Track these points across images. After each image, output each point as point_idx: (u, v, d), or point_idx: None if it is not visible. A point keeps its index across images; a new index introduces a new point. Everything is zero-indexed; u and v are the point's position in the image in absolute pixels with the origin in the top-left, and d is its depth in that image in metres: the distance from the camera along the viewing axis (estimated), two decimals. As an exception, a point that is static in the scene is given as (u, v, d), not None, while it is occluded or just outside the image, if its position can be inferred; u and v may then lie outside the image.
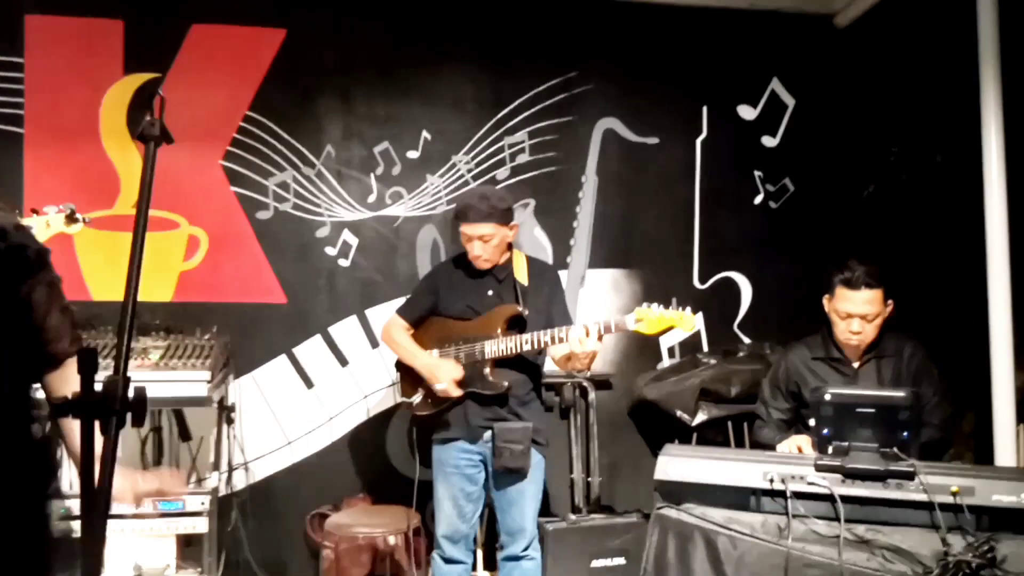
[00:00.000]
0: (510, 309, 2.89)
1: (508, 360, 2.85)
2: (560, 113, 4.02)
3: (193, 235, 3.71)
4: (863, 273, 2.76)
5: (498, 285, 2.97)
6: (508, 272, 2.97)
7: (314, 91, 3.84)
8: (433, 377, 2.88)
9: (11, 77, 3.60)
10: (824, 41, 4.22)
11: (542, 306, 2.93)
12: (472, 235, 2.84)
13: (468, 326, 2.94)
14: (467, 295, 2.98)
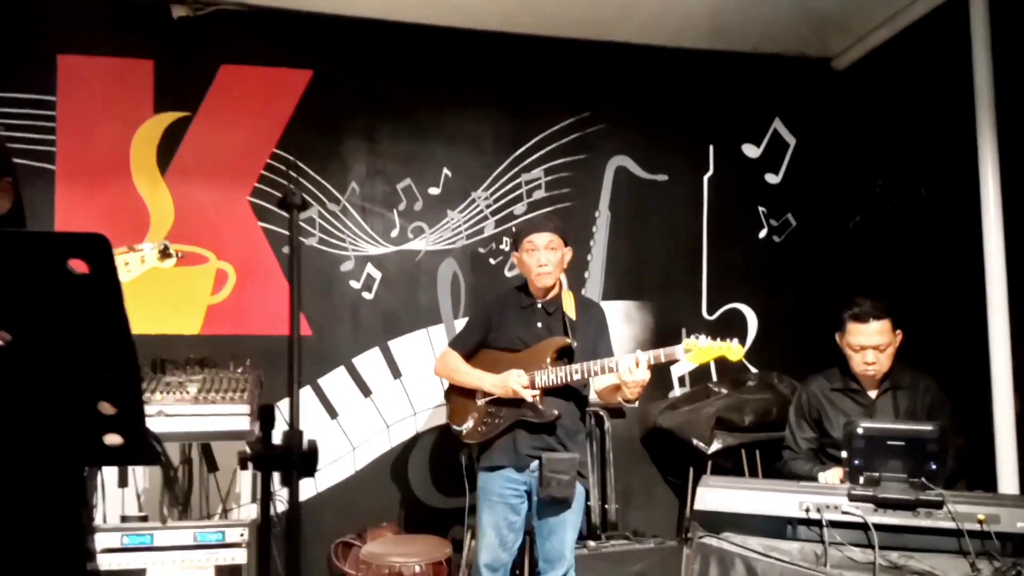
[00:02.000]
0: (559, 341, 3.01)
1: (556, 390, 2.98)
2: (574, 151, 4.19)
3: (221, 269, 3.79)
4: (870, 306, 2.97)
5: (547, 318, 3.09)
6: (557, 306, 3.10)
7: (339, 130, 3.95)
8: (506, 388, 2.96)
9: (44, 115, 3.66)
10: (823, 83, 4.44)
11: (589, 340, 3.06)
12: (539, 244, 2.99)
13: (518, 357, 3.06)
14: (517, 327, 3.10)
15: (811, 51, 4.39)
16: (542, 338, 3.05)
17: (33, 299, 1.01)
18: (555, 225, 3.09)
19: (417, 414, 4.02)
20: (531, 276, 3.06)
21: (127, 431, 1.10)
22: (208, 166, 3.78)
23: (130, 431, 1.10)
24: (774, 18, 3.98)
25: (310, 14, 3.84)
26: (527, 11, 3.88)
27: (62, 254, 0.99)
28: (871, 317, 2.96)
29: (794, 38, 4.23)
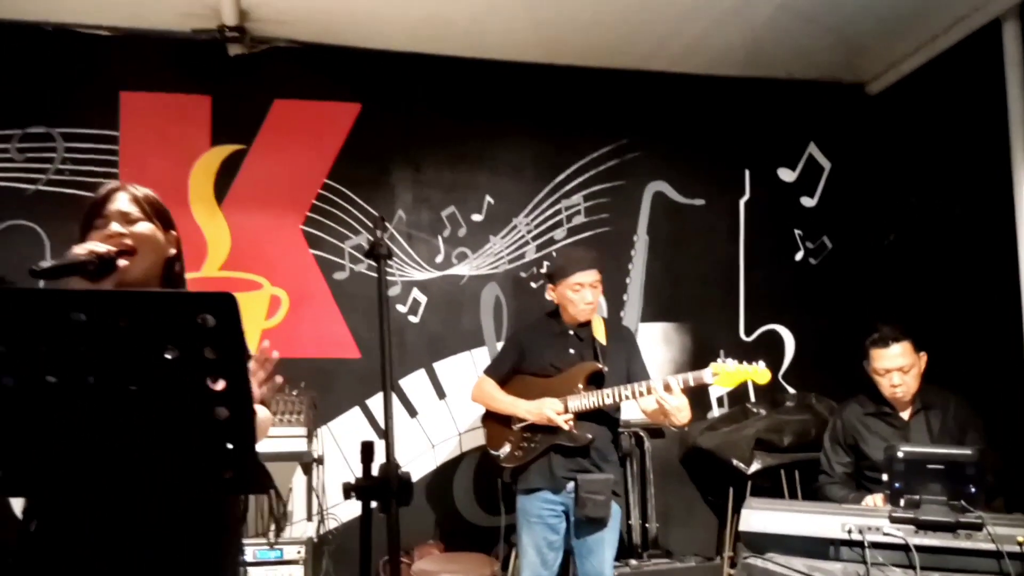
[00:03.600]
0: (590, 366, 3.11)
1: (589, 414, 3.08)
2: (613, 177, 4.30)
3: (275, 295, 3.95)
4: (888, 331, 3.09)
5: (579, 344, 3.19)
6: (588, 332, 3.20)
7: (387, 160, 4.11)
8: (541, 416, 3.06)
9: (107, 149, 3.86)
10: (857, 108, 4.51)
11: (620, 364, 3.15)
12: (586, 282, 3.09)
13: (550, 382, 3.16)
14: (549, 353, 3.20)
15: (845, 77, 4.47)
16: (574, 363, 3.14)
17: (169, 347, 1.14)
18: (594, 258, 3.17)
19: (461, 434, 4.14)
20: (573, 311, 3.15)
21: (241, 464, 1.23)
22: (262, 196, 3.95)
23: (243, 464, 1.23)
24: (808, 46, 4.07)
25: (358, 50, 4.01)
26: (565, 44, 4.01)
27: (196, 309, 1.12)
28: (891, 341, 3.07)
29: (828, 64, 4.31)
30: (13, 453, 1.19)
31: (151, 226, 1.67)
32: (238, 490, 1.28)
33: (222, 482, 1.25)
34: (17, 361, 1.13)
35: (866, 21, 3.81)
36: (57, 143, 3.81)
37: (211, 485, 1.27)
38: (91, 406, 1.18)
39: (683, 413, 2.87)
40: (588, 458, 3.08)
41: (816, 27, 3.88)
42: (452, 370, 4.14)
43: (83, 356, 1.15)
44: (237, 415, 1.21)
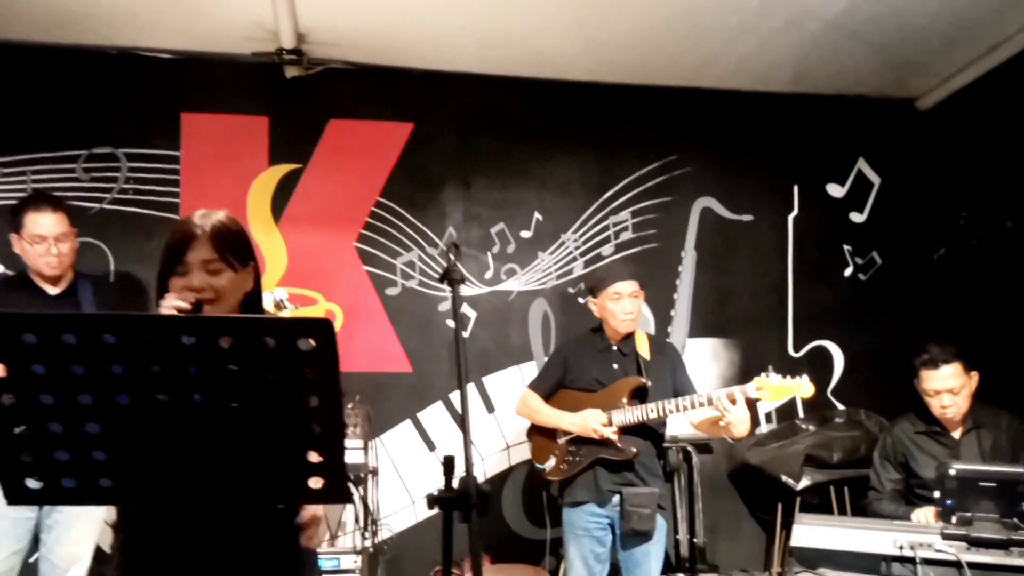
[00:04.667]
0: (635, 381, 3.15)
1: (633, 428, 3.11)
2: (660, 194, 4.34)
3: (329, 310, 4.05)
4: (939, 352, 3.07)
5: (622, 359, 3.23)
6: (631, 347, 3.24)
7: (438, 178, 4.20)
8: (585, 428, 3.10)
9: (169, 169, 4.00)
10: (907, 123, 4.49)
11: (665, 378, 3.19)
12: (624, 292, 3.14)
13: (595, 397, 3.20)
14: (593, 368, 3.24)
15: (894, 92, 4.45)
16: (617, 378, 3.18)
17: (270, 368, 1.23)
18: (633, 271, 3.23)
19: (510, 447, 4.19)
20: (614, 322, 3.19)
21: (329, 476, 1.30)
22: (318, 214, 4.06)
23: (332, 476, 1.30)
24: (857, 62, 4.07)
25: (410, 70, 4.11)
26: (614, 62, 4.06)
27: (296, 333, 1.21)
28: (941, 362, 3.06)
29: (877, 80, 4.30)
30: (124, 465, 1.27)
31: (231, 275, 1.71)
32: (327, 500, 1.36)
33: (312, 492, 1.33)
34: (133, 381, 1.22)
35: (916, 39, 3.80)
36: (121, 163, 3.96)
37: (301, 495, 1.35)
38: (194, 422, 1.27)
39: (744, 425, 2.90)
40: (633, 472, 3.11)
41: (865, 45, 3.88)
42: (501, 384, 4.20)
43: (191, 376, 1.24)
44: (329, 429, 1.29)
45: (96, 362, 1.22)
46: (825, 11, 3.57)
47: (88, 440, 1.26)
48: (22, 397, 1.24)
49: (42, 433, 1.26)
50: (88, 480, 1.29)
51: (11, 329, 1.21)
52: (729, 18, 3.60)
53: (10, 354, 1.22)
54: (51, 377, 1.23)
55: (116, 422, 1.26)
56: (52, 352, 1.22)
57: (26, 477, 1.27)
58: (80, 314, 1.25)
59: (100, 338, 1.21)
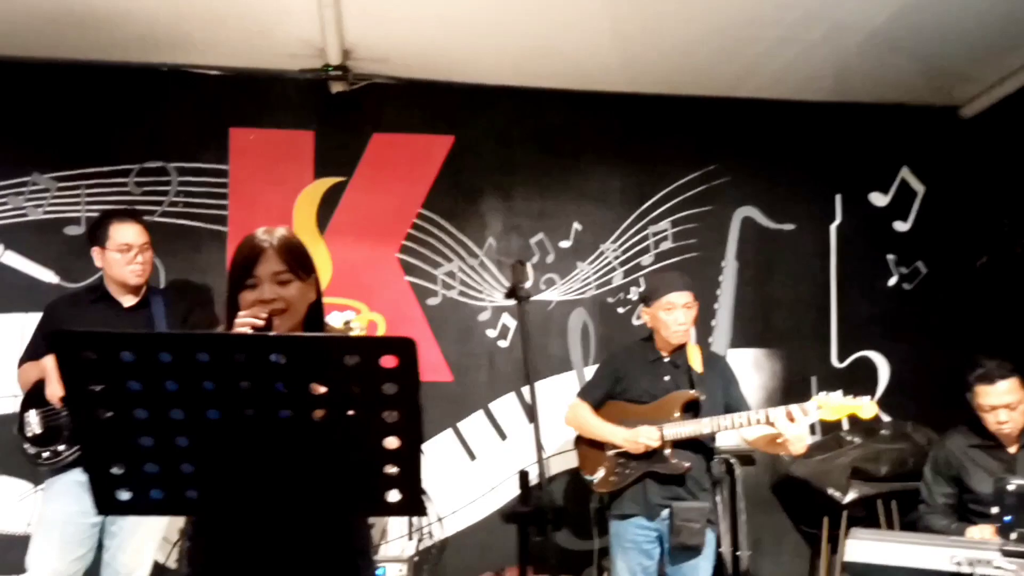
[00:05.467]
0: (688, 394, 3.14)
1: (684, 442, 3.10)
2: (701, 203, 4.33)
3: (372, 320, 4.10)
4: (995, 367, 3.02)
5: (674, 371, 3.23)
6: (684, 359, 3.23)
7: (478, 190, 4.24)
8: (637, 445, 3.09)
9: (218, 183, 4.08)
10: (951, 131, 4.44)
11: (717, 393, 3.17)
12: (677, 303, 3.14)
13: (646, 409, 3.19)
14: (644, 380, 3.24)
15: (937, 101, 4.40)
16: (669, 391, 3.17)
17: (354, 384, 1.27)
18: (687, 283, 3.23)
19: (549, 457, 4.19)
20: (666, 333, 3.19)
21: (406, 489, 1.34)
22: (361, 226, 4.12)
23: (409, 489, 1.34)
24: (899, 72, 4.04)
25: (452, 84, 4.16)
26: (653, 73, 4.07)
27: (382, 352, 1.26)
28: (998, 378, 3.02)
29: (919, 89, 4.26)
30: (210, 477, 1.32)
31: (300, 285, 1.78)
32: (403, 513, 1.39)
33: (389, 505, 1.37)
34: (223, 397, 1.26)
35: (959, 48, 3.77)
36: (171, 177, 4.06)
37: (379, 508, 1.38)
38: (279, 436, 1.31)
39: (802, 443, 2.89)
40: (683, 486, 3.10)
41: (907, 54, 3.86)
42: (540, 394, 4.21)
43: (279, 393, 1.28)
44: (408, 444, 1.33)
45: (189, 379, 1.27)
46: (867, 22, 3.56)
47: (177, 453, 1.31)
48: (117, 412, 1.29)
49: (134, 446, 1.31)
50: (175, 492, 1.34)
51: (111, 348, 1.26)
52: (770, 30, 3.60)
53: (109, 371, 1.27)
54: (146, 393, 1.28)
55: (205, 436, 1.31)
56: (148, 369, 1.26)
57: (117, 488, 1.32)
58: (177, 333, 1.32)
59: (194, 356, 1.26)
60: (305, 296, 1.80)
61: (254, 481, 1.34)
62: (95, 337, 1.38)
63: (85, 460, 1.33)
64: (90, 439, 1.33)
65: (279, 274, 1.75)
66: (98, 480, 1.32)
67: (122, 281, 3.17)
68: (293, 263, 1.78)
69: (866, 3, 3.39)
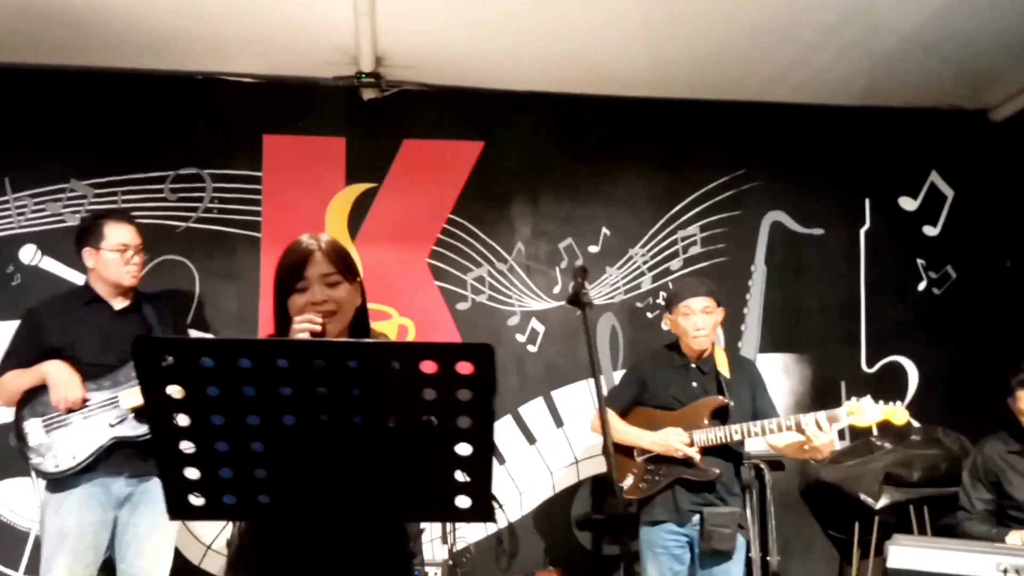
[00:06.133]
0: (716, 401, 3.14)
1: (713, 448, 3.11)
2: (729, 208, 4.34)
3: (403, 324, 4.13)
4: None
5: (702, 377, 3.23)
6: (711, 365, 3.24)
7: (507, 195, 4.26)
8: (667, 447, 3.09)
9: (252, 189, 4.13)
10: (981, 135, 4.43)
11: (746, 398, 3.17)
12: (696, 308, 3.14)
13: (673, 416, 3.20)
14: (672, 386, 3.24)
15: (967, 104, 4.39)
16: (697, 397, 3.17)
17: (430, 391, 1.28)
18: (708, 289, 3.21)
19: (579, 462, 4.21)
20: (686, 339, 3.20)
21: (476, 495, 1.36)
22: (392, 231, 4.15)
23: (479, 496, 1.36)
24: (930, 75, 4.03)
25: (481, 90, 4.19)
26: (681, 78, 4.09)
27: (457, 358, 1.27)
28: None
29: (950, 93, 4.26)
30: (283, 483, 1.34)
31: (348, 287, 1.80)
32: (472, 519, 1.41)
33: (458, 511, 1.38)
34: (299, 403, 1.29)
35: (991, 51, 3.76)
36: (206, 183, 4.11)
37: (448, 514, 1.39)
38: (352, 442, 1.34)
39: (829, 448, 2.88)
40: (713, 492, 3.10)
41: (939, 58, 3.85)
42: (569, 399, 4.23)
43: (354, 399, 1.30)
44: (480, 450, 1.34)
45: (267, 385, 1.29)
46: (900, 26, 3.56)
47: (252, 458, 1.33)
48: (194, 417, 1.31)
49: (209, 452, 1.32)
50: (248, 497, 1.36)
51: (191, 354, 1.28)
52: (803, 34, 3.61)
53: (188, 377, 1.29)
54: (224, 399, 1.30)
55: (279, 442, 1.32)
56: (227, 375, 1.28)
57: (190, 493, 1.34)
58: (258, 340, 1.34)
59: (274, 363, 1.28)
60: (353, 299, 1.82)
61: (325, 486, 1.36)
62: (178, 343, 1.42)
63: (160, 465, 1.35)
64: (166, 444, 1.34)
65: (328, 276, 1.77)
66: (172, 485, 1.34)
67: (116, 282, 3.10)
68: (341, 265, 1.80)
69: (900, 7, 3.39)
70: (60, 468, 2.90)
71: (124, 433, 2.96)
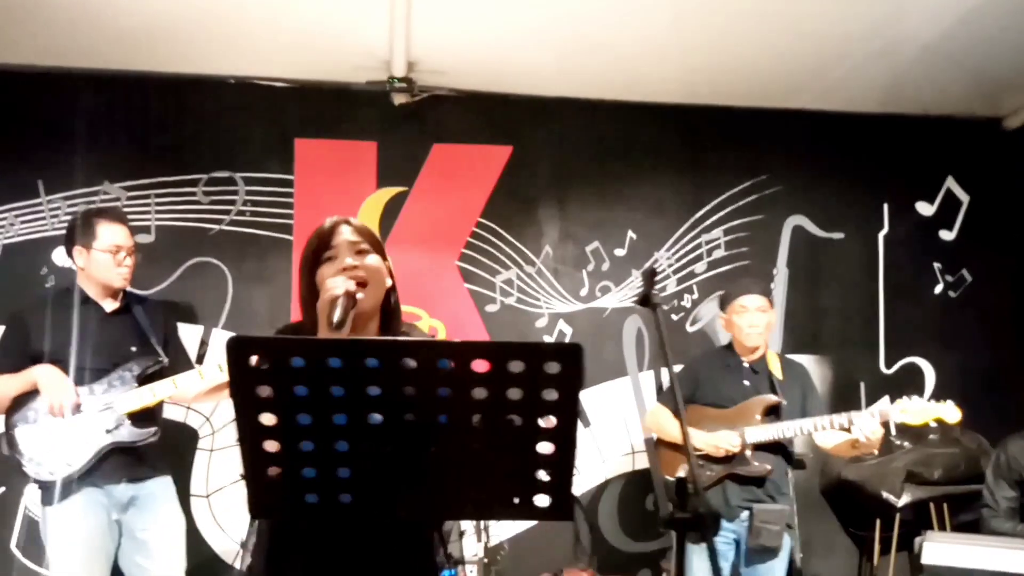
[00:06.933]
0: (769, 399, 3.23)
1: (764, 445, 3.19)
2: (752, 212, 4.42)
3: (432, 327, 4.20)
4: None
5: (754, 376, 3.32)
6: (763, 365, 3.32)
7: (535, 199, 4.34)
8: (718, 449, 3.18)
9: (284, 192, 4.19)
10: (994, 142, 4.53)
11: (796, 398, 3.26)
12: (751, 307, 3.23)
13: (727, 413, 3.28)
14: (724, 385, 3.32)
15: (981, 111, 4.49)
16: (749, 396, 3.26)
17: (517, 390, 1.31)
18: (763, 288, 3.33)
19: (606, 461, 4.29)
20: (740, 336, 3.28)
21: (557, 494, 1.39)
22: (422, 235, 4.21)
23: (559, 495, 1.40)
24: (948, 83, 4.12)
25: (510, 96, 4.25)
26: (708, 84, 4.16)
27: (546, 358, 1.31)
28: None
29: (965, 100, 4.35)
30: (366, 482, 1.37)
31: (378, 258, 1.73)
32: (550, 517, 1.44)
33: (537, 510, 1.41)
34: (387, 402, 1.32)
35: (1008, 59, 3.85)
36: (239, 187, 4.16)
37: (527, 513, 1.42)
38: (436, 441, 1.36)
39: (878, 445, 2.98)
40: (763, 488, 3.19)
41: (958, 66, 3.94)
42: (596, 399, 4.30)
43: (442, 398, 1.32)
44: (562, 450, 1.39)
45: (356, 384, 1.30)
46: (923, 35, 3.64)
47: (336, 458, 1.34)
48: (281, 417, 1.32)
49: (293, 451, 1.34)
50: (330, 496, 1.37)
51: (283, 353, 1.30)
52: (832, 43, 3.69)
53: (278, 377, 1.30)
54: (312, 398, 1.31)
55: (364, 441, 1.34)
56: (317, 375, 1.30)
57: (272, 493, 1.36)
58: (349, 339, 1.34)
59: (363, 362, 1.29)
60: (382, 273, 1.73)
61: (406, 486, 1.38)
62: (271, 343, 1.44)
63: (245, 464, 1.35)
64: (251, 443, 1.34)
65: (356, 243, 1.71)
66: (255, 485, 1.36)
67: (107, 283, 3.03)
68: (370, 238, 1.75)
69: (925, 16, 3.46)
70: (55, 475, 2.81)
71: (122, 438, 2.90)
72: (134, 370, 2.97)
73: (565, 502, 1.42)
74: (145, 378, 2.97)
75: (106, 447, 2.89)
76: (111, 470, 2.91)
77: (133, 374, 2.96)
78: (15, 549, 3.82)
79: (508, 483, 1.41)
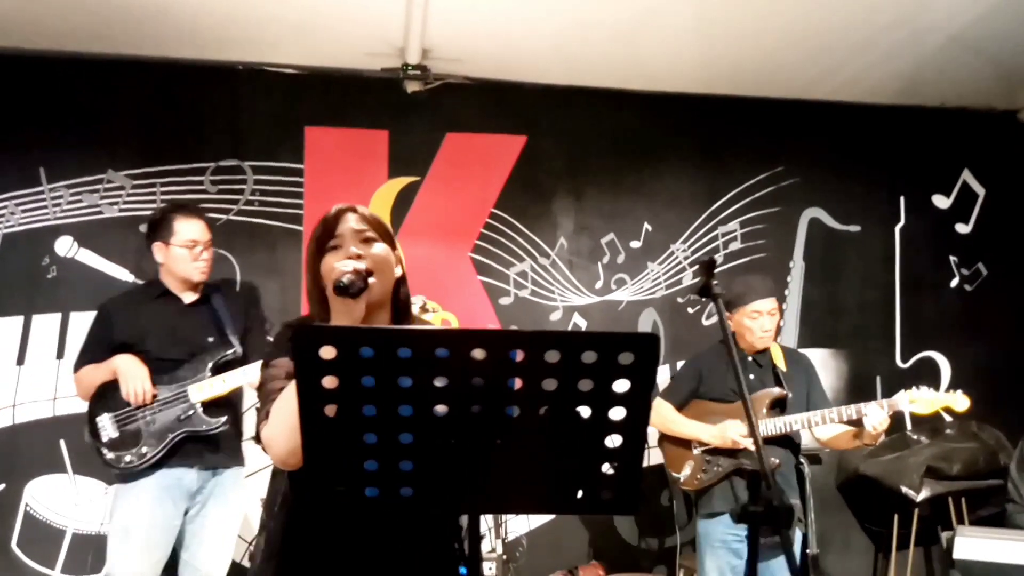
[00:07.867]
0: (775, 392, 3.18)
1: (772, 439, 3.14)
2: (769, 204, 4.38)
3: (445, 319, 4.12)
4: None
5: (759, 370, 3.27)
6: (767, 359, 3.28)
7: (550, 190, 4.27)
8: (725, 440, 3.14)
9: (294, 182, 4.10)
10: (1011, 135, 4.51)
11: (801, 391, 3.22)
12: (764, 310, 3.18)
13: (731, 408, 3.23)
14: (729, 379, 3.26)
15: (998, 104, 4.46)
16: (755, 389, 3.21)
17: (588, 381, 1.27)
18: (771, 288, 3.28)
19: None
20: (751, 338, 3.23)
21: (623, 488, 1.35)
22: (435, 225, 4.14)
23: (625, 488, 1.35)
24: (967, 75, 4.09)
25: (524, 84, 4.19)
26: (726, 75, 4.11)
27: (620, 348, 1.26)
28: None
29: (983, 93, 4.32)
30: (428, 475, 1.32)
31: (385, 246, 1.67)
32: (614, 511, 1.39)
33: (601, 503, 1.37)
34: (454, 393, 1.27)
35: (1026, 51, 3.83)
36: (247, 175, 4.07)
37: (591, 506, 1.38)
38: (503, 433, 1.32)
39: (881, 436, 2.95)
40: None
41: (980, 57, 3.90)
42: (611, 393, 4.24)
43: (511, 390, 1.28)
44: (631, 442, 1.34)
45: (423, 375, 1.26)
46: (948, 25, 3.60)
47: (399, 450, 1.30)
48: (346, 408, 1.28)
49: (357, 443, 1.30)
50: (391, 489, 1.33)
51: (351, 343, 1.25)
52: (856, 33, 3.64)
53: (345, 367, 1.25)
54: (379, 389, 1.26)
55: (428, 433, 1.30)
56: (385, 365, 1.25)
57: (332, 484, 1.32)
58: (419, 328, 1.29)
59: (432, 352, 1.25)
60: (390, 262, 1.67)
61: (470, 479, 1.34)
62: (338, 332, 1.39)
63: (306, 456, 1.31)
64: (315, 435, 1.31)
65: (361, 232, 1.64)
66: (315, 476, 1.32)
67: (186, 278, 3.11)
68: (377, 227, 1.68)
69: (951, 7, 3.43)
70: (131, 463, 2.92)
71: (194, 427, 2.97)
72: (208, 360, 3.04)
73: (631, 496, 1.38)
74: (218, 367, 3.03)
75: (179, 436, 2.96)
76: (184, 457, 2.98)
77: (207, 364, 3.03)
78: (16, 548, 3.74)
79: (573, 476, 1.37)
